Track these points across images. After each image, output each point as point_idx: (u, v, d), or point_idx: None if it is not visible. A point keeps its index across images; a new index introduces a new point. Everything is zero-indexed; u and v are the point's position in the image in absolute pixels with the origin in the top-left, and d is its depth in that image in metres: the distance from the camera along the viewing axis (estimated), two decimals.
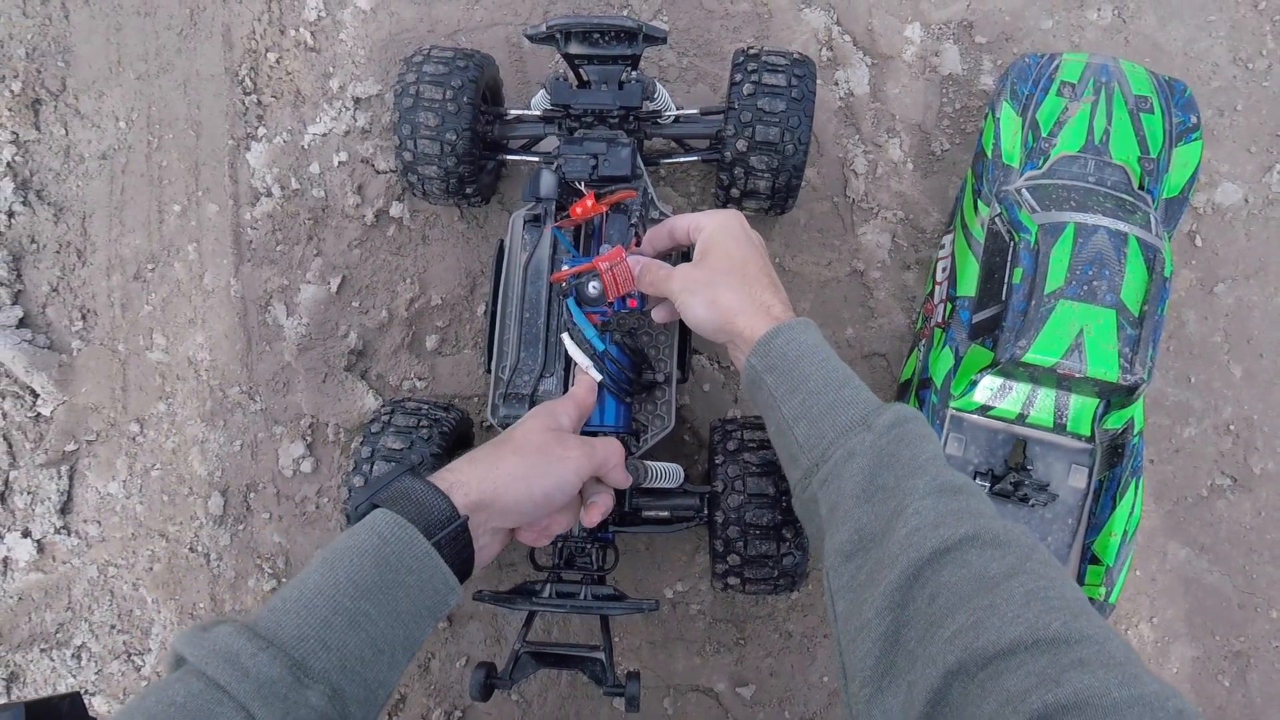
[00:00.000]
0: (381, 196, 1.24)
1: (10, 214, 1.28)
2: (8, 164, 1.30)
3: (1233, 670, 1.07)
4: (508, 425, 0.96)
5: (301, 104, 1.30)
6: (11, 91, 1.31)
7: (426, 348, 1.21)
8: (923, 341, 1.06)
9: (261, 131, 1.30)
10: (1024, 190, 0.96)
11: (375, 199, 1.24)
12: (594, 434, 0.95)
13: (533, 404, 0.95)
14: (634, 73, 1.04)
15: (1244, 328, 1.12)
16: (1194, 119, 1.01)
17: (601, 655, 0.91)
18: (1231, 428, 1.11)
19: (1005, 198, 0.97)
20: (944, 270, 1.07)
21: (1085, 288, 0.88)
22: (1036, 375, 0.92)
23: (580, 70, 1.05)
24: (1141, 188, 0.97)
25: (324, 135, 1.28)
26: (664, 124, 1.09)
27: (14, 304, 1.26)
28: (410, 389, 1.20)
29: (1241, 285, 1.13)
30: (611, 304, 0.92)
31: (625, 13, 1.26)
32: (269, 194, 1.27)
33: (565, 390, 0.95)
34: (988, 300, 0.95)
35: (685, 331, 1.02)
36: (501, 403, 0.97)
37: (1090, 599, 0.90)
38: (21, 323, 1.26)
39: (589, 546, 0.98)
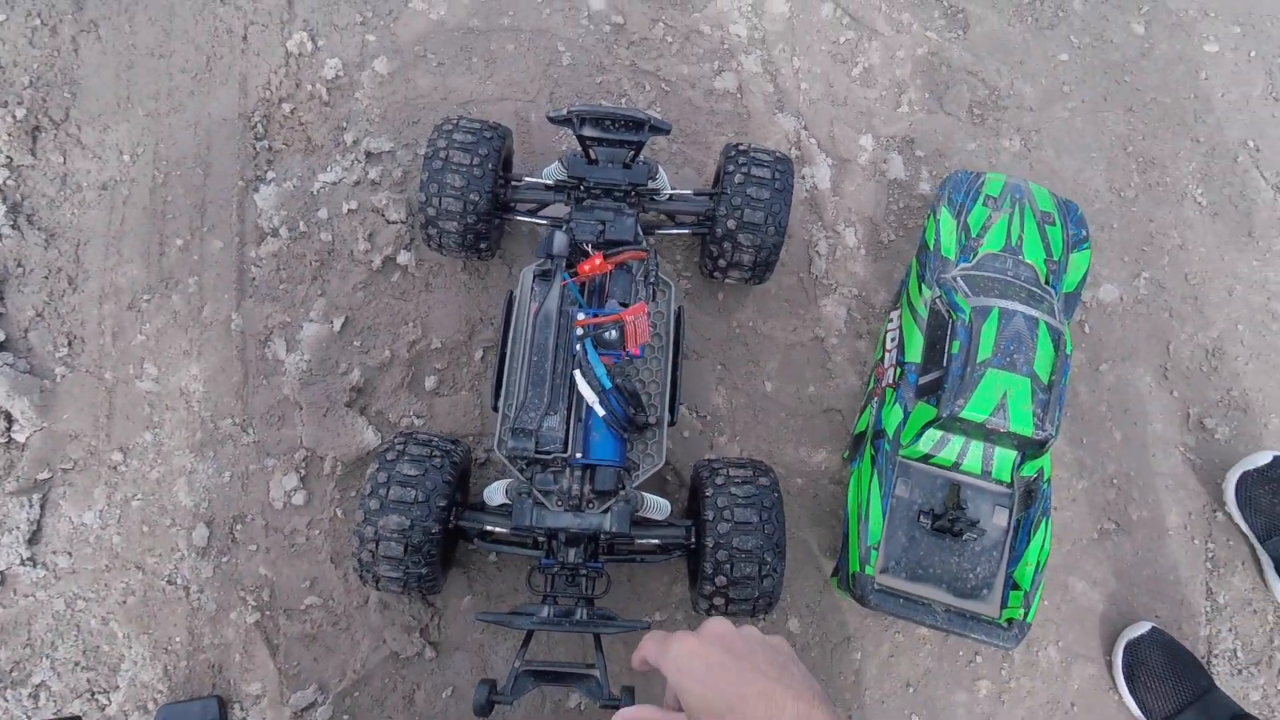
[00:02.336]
0: (391, 244, 1.33)
1: None
2: None
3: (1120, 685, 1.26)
4: (513, 458, 1.05)
5: (313, 153, 1.38)
6: (14, 117, 1.33)
7: (425, 388, 1.29)
8: (875, 399, 1.23)
9: (271, 175, 1.37)
10: (959, 278, 1.17)
11: (385, 246, 1.33)
12: (592, 468, 1.05)
13: (538, 440, 1.03)
14: (638, 156, 1.20)
15: (1122, 400, 1.37)
16: (1085, 232, 1.26)
17: (597, 672, 0.99)
18: (1114, 481, 1.33)
19: (944, 283, 1.17)
20: (892, 340, 1.26)
21: (1008, 359, 1.08)
22: (969, 430, 1.10)
23: (590, 150, 1.20)
24: (1047, 283, 1.20)
25: (334, 184, 1.37)
26: (661, 200, 1.24)
27: None
28: (409, 426, 1.27)
29: (1119, 366, 1.38)
30: (627, 352, 1.04)
31: (624, 102, 1.44)
32: (276, 234, 1.34)
33: (568, 427, 1.05)
34: (931, 366, 1.14)
35: (675, 380, 1.15)
36: (509, 436, 1.05)
37: (1012, 619, 1.07)
38: (3, 346, 1.24)
39: (581, 574, 1.06)
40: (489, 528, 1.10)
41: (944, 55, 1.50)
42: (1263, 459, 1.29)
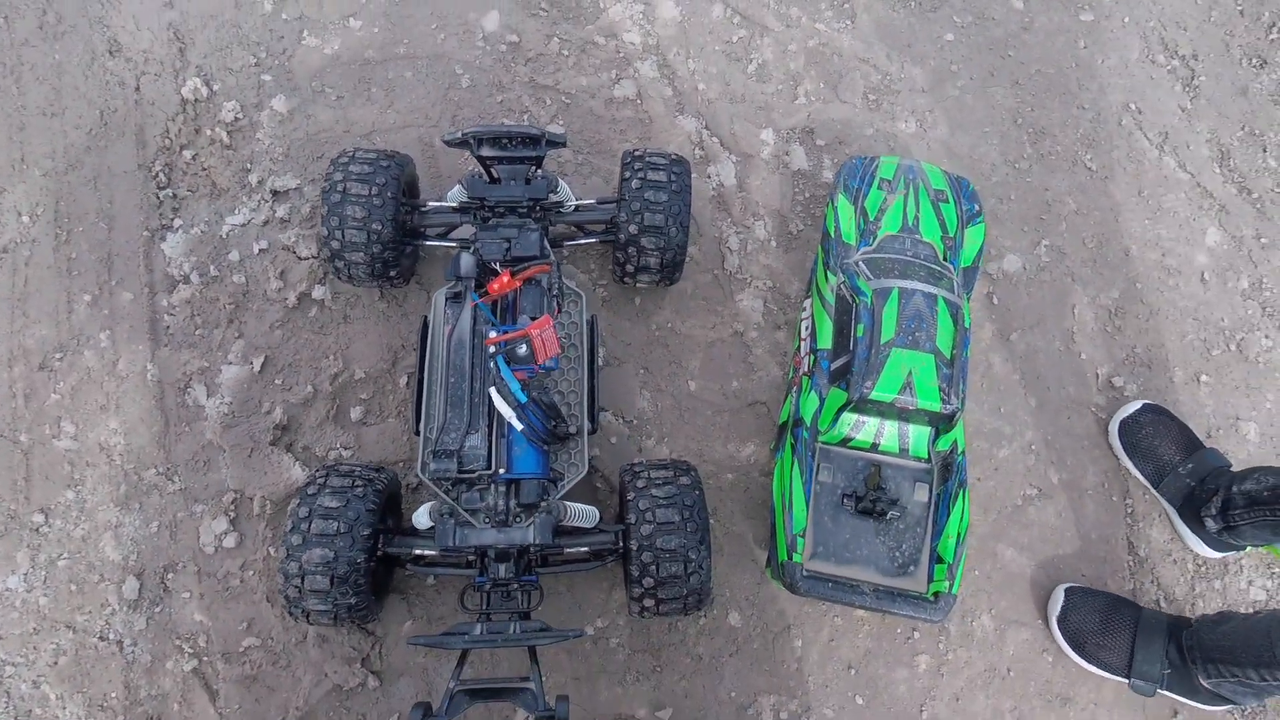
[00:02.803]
0: (304, 280, 1.33)
1: None
2: None
3: (1053, 647, 1.29)
4: (437, 479, 1.05)
5: (218, 197, 1.38)
6: None
7: (351, 419, 1.29)
8: (794, 389, 1.26)
9: (178, 223, 1.36)
10: (860, 263, 1.20)
11: (298, 283, 1.33)
12: (516, 483, 1.06)
13: (460, 459, 1.05)
14: (539, 170, 1.22)
15: (1034, 367, 1.41)
16: (978, 207, 1.30)
17: (532, 685, 1.00)
18: (1033, 447, 1.37)
19: (847, 269, 1.21)
20: (806, 328, 1.29)
21: (910, 338, 1.11)
22: (881, 410, 1.13)
23: (491, 169, 1.22)
24: (945, 259, 1.24)
25: (243, 225, 1.36)
26: (566, 212, 1.26)
27: None
28: (337, 458, 1.27)
29: (1029, 334, 1.42)
30: (540, 365, 1.05)
31: (526, 119, 1.45)
32: (187, 281, 1.33)
33: (490, 444, 1.06)
34: (840, 351, 1.17)
35: (593, 388, 1.17)
36: (431, 459, 1.06)
37: (938, 592, 1.10)
38: None
39: (514, 588, 1.07)
40: (419, 551, 1.11)
41: (834, 45, 1.54)
42: (1134, 406, 1.34)
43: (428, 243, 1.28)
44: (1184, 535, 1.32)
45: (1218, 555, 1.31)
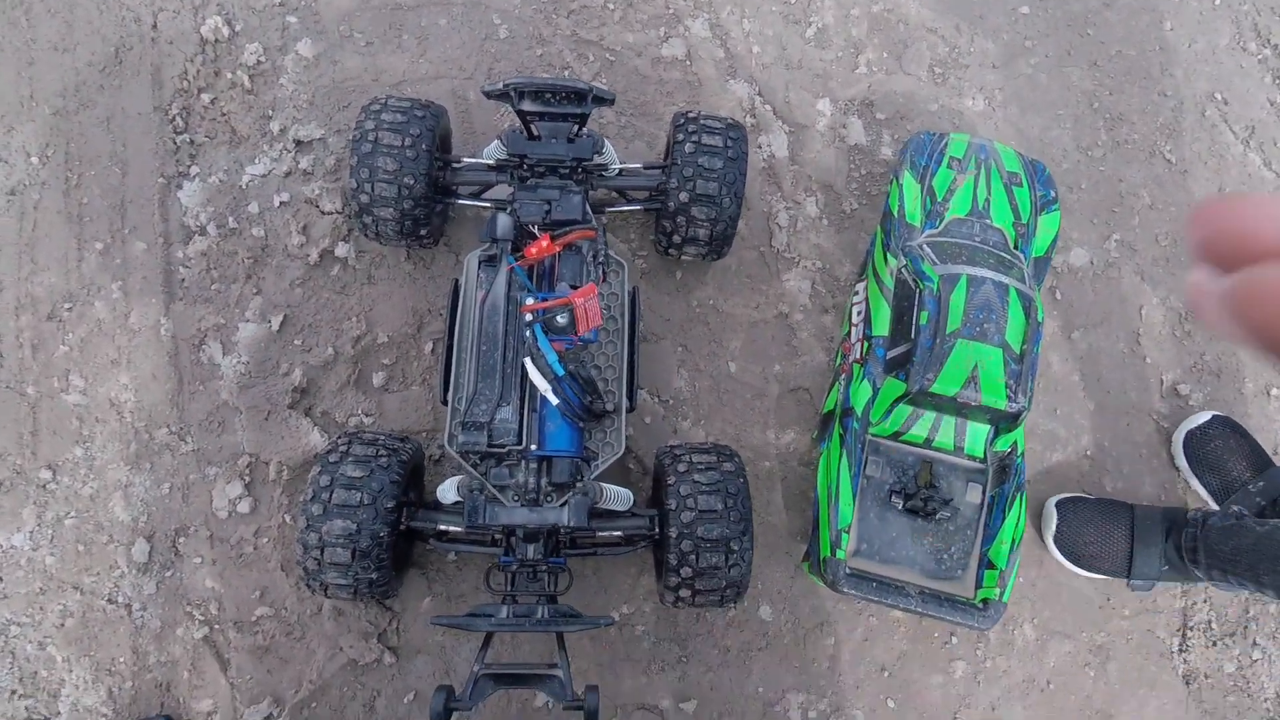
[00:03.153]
0: (327, 237, 1.26)
1: None
2: None
3: (1096, 661, 1.24)
4: (465, 453, 1.00)
5: (238, 145, 1.30)
6: None
7: (373, 385, 1.22)
8: (843, 376, 1.19)
9: (195, 170, 1.29)
10: (925, 246, 1.12)
11: (321, 239, 1.26)
12: (548, 460, 1.00)
13: (490, 433, 0.99)
14: (583, 130, 1.14)
15: (1095, 368, 1.33)
16: (1053, 193, 1.22)
17: (559, 672, 0.95)
18: (1089, 453, 1.30)
19: (910, 252, 1.12)
20: (859, 313, 1.21)
21: (978, 329, 1.03)
22: (940, 404, 1.06)
23: (531, 125, 1.14)
24: (1016, 248, 1.16)
25: (264, 176, 1.29)
26: (609, 176, 1.18)
27: None
28: (357, 425, 1.21)
29: (1091, 333, 1.35)
30: (580, 336, 0.98)
31: (567, 74, 1.37)
32: (203, 232, 1.26)
33: (522, 418, 1.00)
34: (899, 339, 1.09)
35: (633, 364, 1.10)
36: (460, 431, 1.00)
37: (986, 599, 1.04)
38: None
39: (542, 570, 1.02)
40: (444, 527, 1.05)
41: (901, 12, 1.44)
42: (1203, 417, 1.26)
43: (460, 202, 1.20)
44: None
45: None
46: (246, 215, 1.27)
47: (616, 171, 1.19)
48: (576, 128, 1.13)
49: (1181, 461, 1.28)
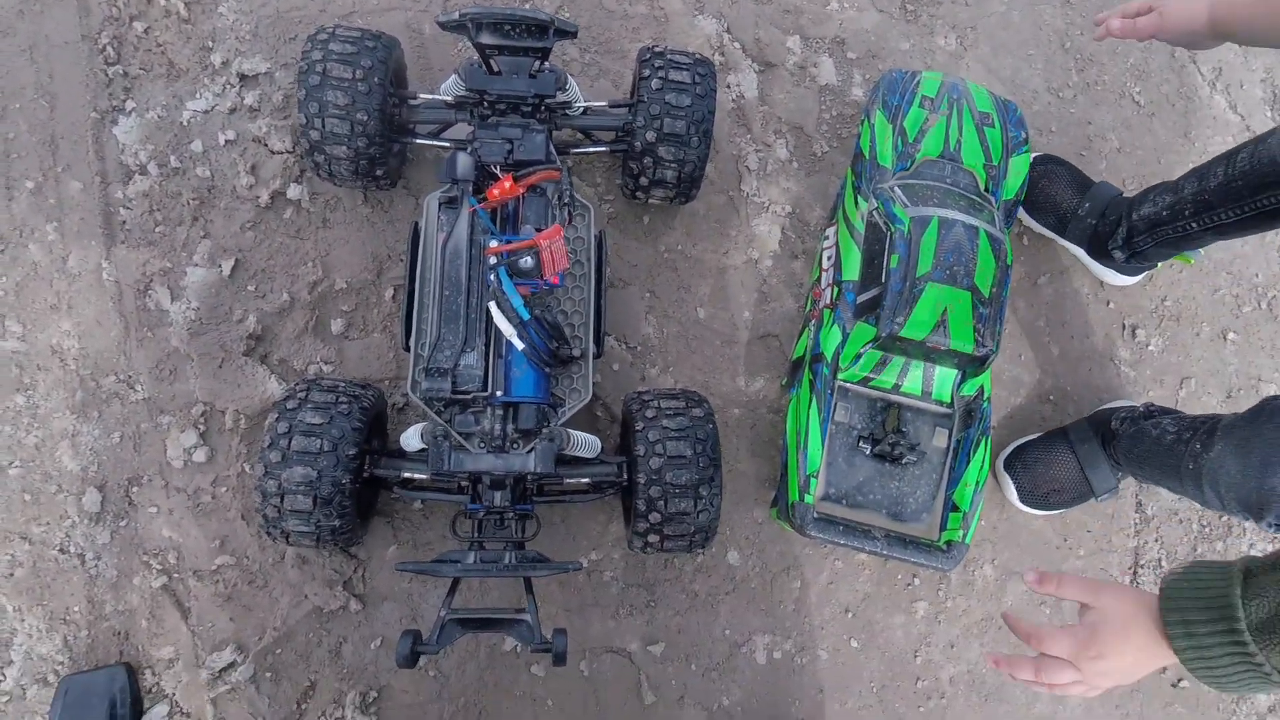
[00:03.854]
0: (278, 177, 1.20)
1: None
2: None
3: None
4: (429, 399, 0.97)
5: (176, 78, 1.23)
6: None
7: (332, 332, 1.19)
8: (813, 322, 1.18)
9: (130, 105, 1.21)
10: (896, 188, 1.11)
11: (271, 180, 1.20)
12: (514, 406, 0.99)
13: (454, 379, 0.96)
14: (545, 65, 1.09)
15: (1059, 314, 1.34)
16: (1024, 134, 1.20)
17: (527, 617, 0.95)
18: (1051, 397, 1.33)
19: (880, 194, 1.11)
20: (829, 259, 1.20)
21: (948, 272, 1.03)
22: (909, 349, 1.06)
23: (490, 60, 1.08)
24: (987, 190, 1.15)
25: (206, 112, 1.22)
26: (573, 115, 1.14)
27: None
28: (317, 373, 1.17)
29: (1057, 280, 1.35)
30: (545, 280, 0.96)
31: (528, 5, 1.30)
32: (144, 171, 1.19)
33: (487, 364, 0.98)
34: (869, 283, 1.08)
35: (600, 309, 1.08)
36: (423, 377, 0.98)
37: (950, 541, 1.06)
38: None
39: (509, 517, 1.01)
40: (408, 474, 1.04)
41: None
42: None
43: (418, 141, 1.15)
44: (1098, 273, 1.32)
45: (1134, 280, 1.32)
46: (190, 154, 1.20)
47: (581, 110, 1.14)
48: (538, 63, 1.08)
49: (1019, 211, 1.29)
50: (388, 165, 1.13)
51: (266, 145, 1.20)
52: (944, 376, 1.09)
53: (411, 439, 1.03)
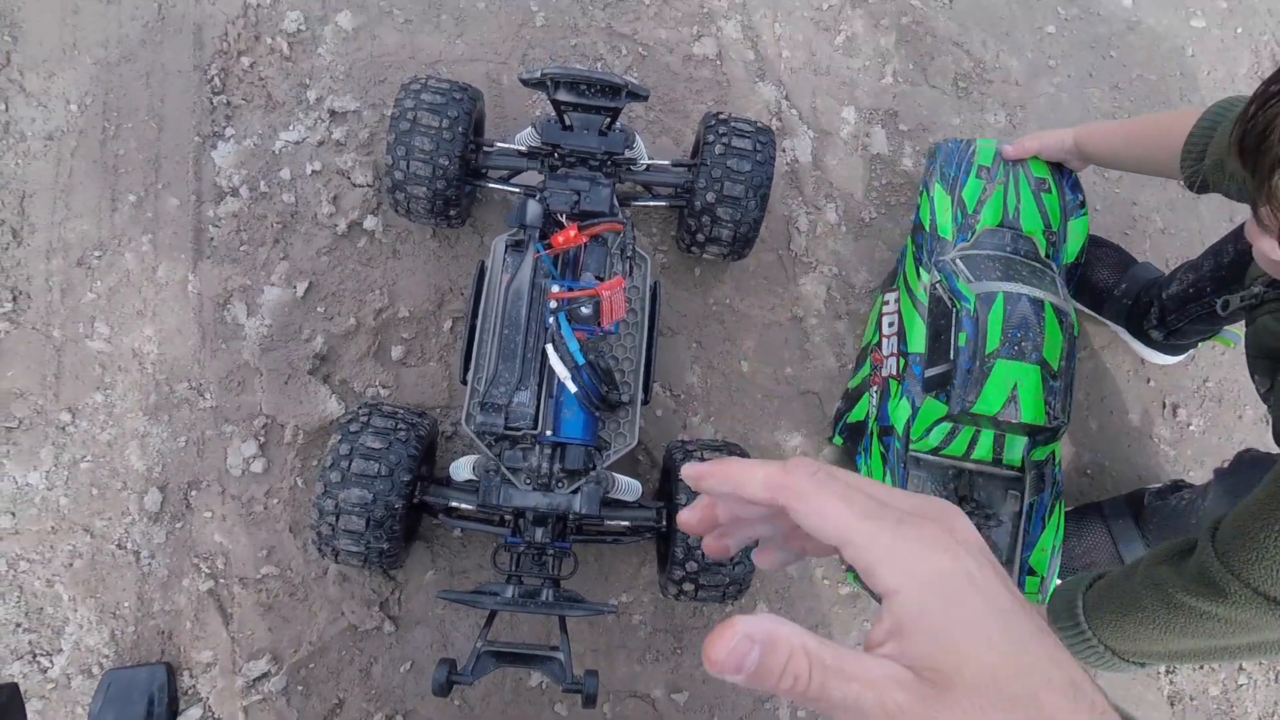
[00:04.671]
0: (356, 209, 1.28)
1: None
2: None
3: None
4: (481, 433, 1.02)
5: (274, 110, 1.32)
6: None
7: (392, 357, 1.25)
8: (875, 388, 1.20)
9: (230, 132, 1.30)
10: (958, 260, 1.13)
11: (350, 210, 1.27)
12: (562, 446, 1.03)
13: (507, 415, 1.01)
14: (614, 123, 1.16)
15: (1100, 389, 1.36)
16: (1081, 197, 1.22)
17: (560, 655, 0.97)
18: (1089, 471, 1.34)
19: (943, 267, 1.14)
20: (890, 325, 1.21)
21: (1016, 348, 1.05)
22: (979, 421, 1.08)
23: (565, 115, 1.16)
24: (1048, 255, 1.16)
25: (297, 143, 1.31)
26: (637, 170, 1.20)
27: None
28: (374, 396, 1.23)
29: (1098, 355, 1.37)
30: (601, 327, 1.01)
31: (599, 66, 1.38)
32: (235, 194, 1.28)
33: (539, 403, 1.02)
34: (937, 359, 1.11)
35: (649, 357, 1.12)
36: (478, 411, 1.02)
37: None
38: None
39: (548, 554, 1.04)
40: (454, 503, 1.08)
41: (929, 24, 1.46)
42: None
43: (489, 185, 1.22)
44: (1140, 351, 1.34)
45: (1176, 359, 1.34)
46: (278, 180, 1.28)
47: (645, 167, 1.21)
48: (608, 120, 1.15)
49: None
50: (460, 205, 1.19)
51: (349, 178, 1.28)
52: (1014, 443, 1.11)
53: (461, 469, 1.07)
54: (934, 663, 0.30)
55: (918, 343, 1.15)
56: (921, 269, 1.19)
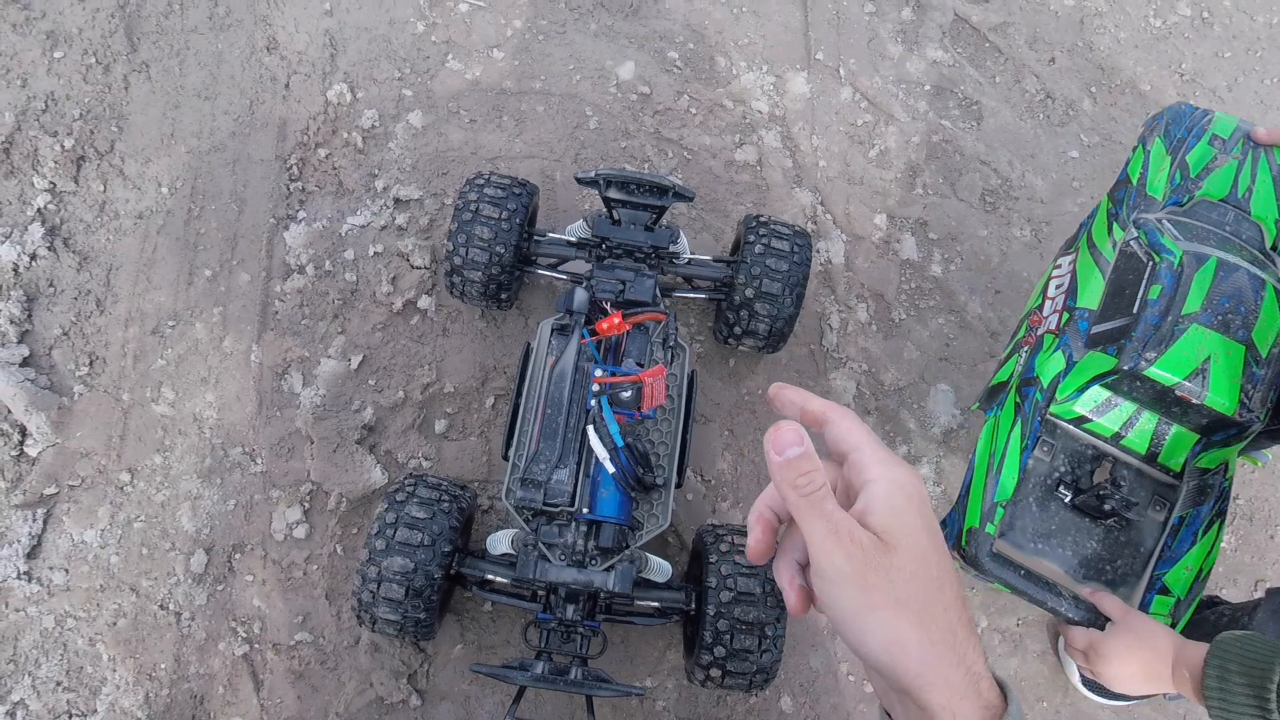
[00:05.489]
0: (413, 289, 1.36)
1: (33, 256, 1.32)
2: (39, 210, 1.35)
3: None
4: (520, 508, 1.05)
5: (343, 196, 1.43)
6: (62, 147, 1.38)
7: (435, 431, 1.30)
8: (1025, 347, 1.07)
9: (302, 215, 1.41)
10: (1165, 221, 0.99)
11: (407, 290, 1.36)
12: (596, 524, 1.06)
13: (546, 492, 1.04)
14: (660, 220, 1.24)
15: None
16: None
17: None
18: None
19: (1144, 224, 0.99)
20: (1058, 286, 1.09)
21: (1220, 318, 0.88)
22: (1146, 395, 0.92)
23: (614, 210, 1.25)
24: (1274, 249, 0.99)
25: (363, 227, 1.41)
26: (680, 264, 1.28)
27: (20, 342, 1.27)
28: (417, 467, 1.27)
29: None
30: (642, 411, 1.05)
31: (647, 167, 1.49)
32: (302, 271, 1.37)
33: (577, 481, 1.06)
34: (1113, 313, 0.95)
35: (684, 443, 1.16)
36: (518, 486, 1.06)
37: None
38: (25, 362, 1.26)
39: (578, 632, 1.06)
40: (489, 576, 1.10)
41: (957, 144, 1.56)
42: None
43: (539, 271, 1.30)
44: None
45: None
46: (342, 260, 1.38)
47: (687, 260, 1.28)
48: (655, 218, 1.23)
49: None
50: (510, 290, 1.27)
51: (409, 260, 1.38)
52: (1179, 439, 0.94)
53: (499, 543, 1.11)
54: (888, 530, 0.44)
55: (1090, 297, 0.99)
56: (1115, 224, 1.06)
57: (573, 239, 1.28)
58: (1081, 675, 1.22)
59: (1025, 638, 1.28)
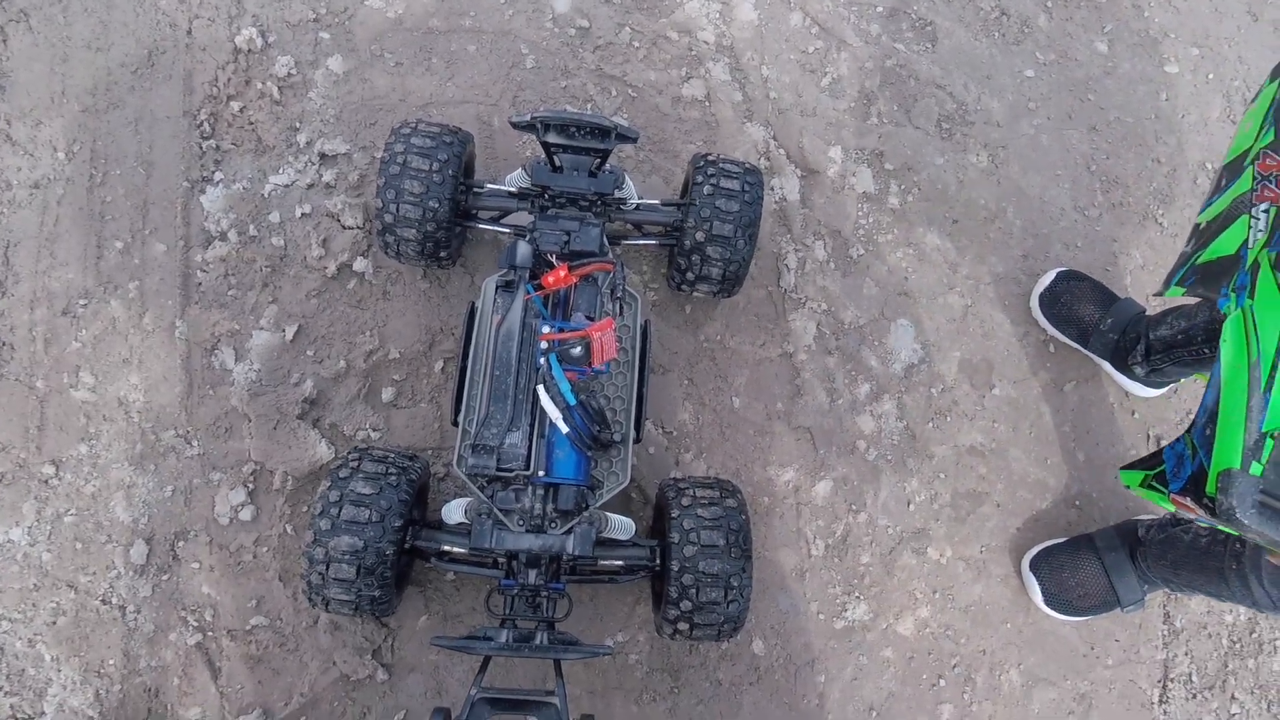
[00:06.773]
0: (346, 251, 1.28)
1: None
2: None
3: (1079, 710, 1.27)
4: (473, 475, 1.01)
5: (263, 154, 1.33)
6: None
7: (382, 400, 1.24)
8: (1264, 205, 0.79)
9: (219, 176, 1.30)
10: None
11: (340, 253, 1.27)
12: (554, 487, 1.02)
13: (499, 457, 1.00)
14: (604, 164, 1.17)
15: (1085, 421, 1.38)
16: None
17: (556, 700, 0.96)
18: (1077, 502, 1.34)
19: None
20: None
21: None
22: None
23: (555, 157, 1.17)
24: None
25: (287, 186, 1.31)
26: (627, 210, 1.21)
27: None
28: (364, 439, 1.22)
29: (1083, 386, 1.39)
30: (593, 367, 1.01)
31: (590, 108, 1.40)
32: (224, 238, 1.27)
33: (530, 444, 1.02)
34: None
35: (641, 396, 1.12)
36: (469, 453, 1.02)
37: None
38: None
39: (542, 596, 1.03)
40: (446, 547, 1.07)
41: (912, 68, 1.50)
42: (1049, 277, 1.37)
43: (479, 226, 1.23)
44: (1123, 383, 1.36)
45: (1157, 392, 1.36)
46: (267, 224, 1.28)
47: (634, 206, 1.22)
48: (598, 162, 1.16)
49: (1041, 321, 1.38)
50: (450, 247, 1.20)
51: (339, 220, 1.29)
52: None
53: (454, 512, 1.07)
54: None
55: None
56: None
57: (512, 189, 1.20)
58: (1043, 594, 1.24)
59: (989, 563, 1.30)
